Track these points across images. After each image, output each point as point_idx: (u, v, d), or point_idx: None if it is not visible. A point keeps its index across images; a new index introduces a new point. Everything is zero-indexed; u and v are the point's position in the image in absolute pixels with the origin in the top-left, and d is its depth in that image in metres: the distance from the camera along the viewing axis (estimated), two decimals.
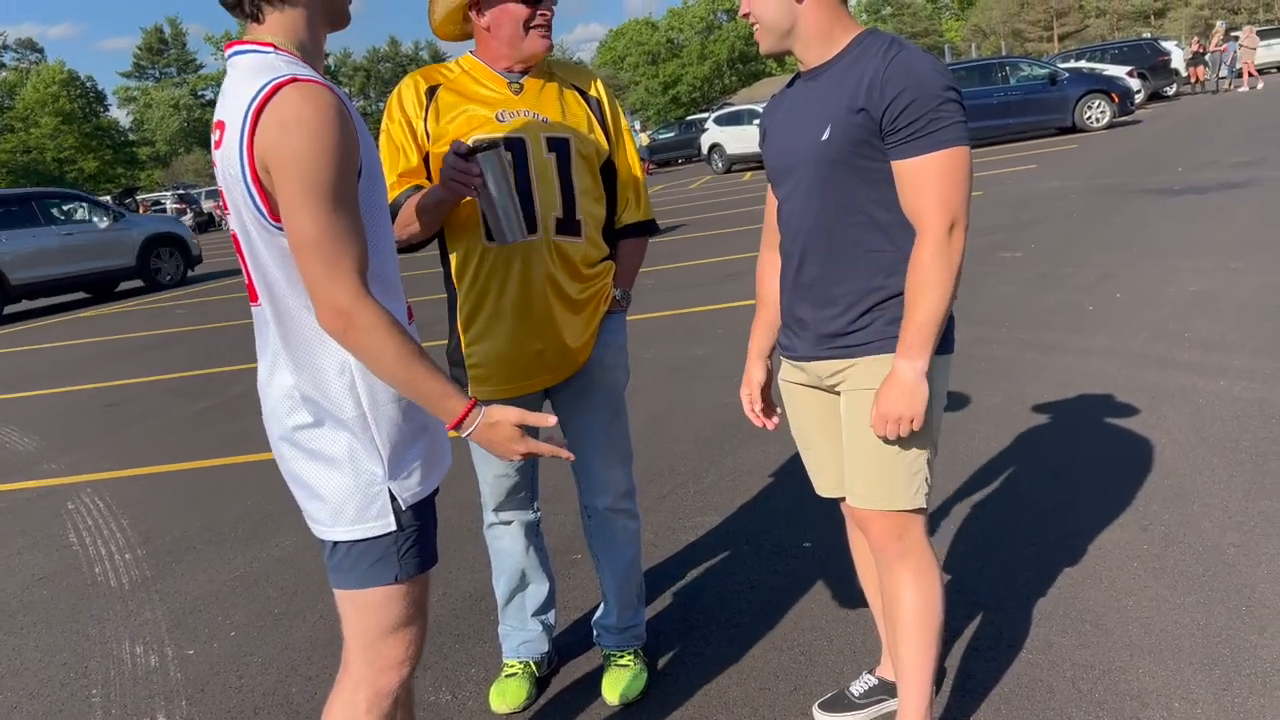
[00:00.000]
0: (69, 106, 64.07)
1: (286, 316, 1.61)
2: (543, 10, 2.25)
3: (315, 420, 1.63)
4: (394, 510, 1.64)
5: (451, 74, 2.35)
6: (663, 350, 6.51)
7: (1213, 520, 3.10)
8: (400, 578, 1.67)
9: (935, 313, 1.83)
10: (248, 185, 1.52)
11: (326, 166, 1.47)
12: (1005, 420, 4.28)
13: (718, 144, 26.32)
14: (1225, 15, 43.17)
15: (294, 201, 1.47)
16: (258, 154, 1.49)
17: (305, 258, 1.49)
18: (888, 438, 1.91)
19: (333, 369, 1.61)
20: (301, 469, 1.67)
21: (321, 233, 1.47)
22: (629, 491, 2.57)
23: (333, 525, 1.66)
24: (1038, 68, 20.57)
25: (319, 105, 1.47)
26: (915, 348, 1.85)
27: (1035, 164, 15.15)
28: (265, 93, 1.48)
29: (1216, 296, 5.79)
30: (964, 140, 1.83)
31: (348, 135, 1.51)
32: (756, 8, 1.94)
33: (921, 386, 1.85)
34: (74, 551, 4.24)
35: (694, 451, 4.45)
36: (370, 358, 1.52)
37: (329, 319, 1.50)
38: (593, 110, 2.39)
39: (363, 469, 1.63)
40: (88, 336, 11.36)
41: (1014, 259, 7.85)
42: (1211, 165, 11.72)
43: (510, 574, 2.61)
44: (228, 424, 6.12)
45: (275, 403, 1.67)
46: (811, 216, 1.96)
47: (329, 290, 1.49)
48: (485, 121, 2.26)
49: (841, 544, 3.27)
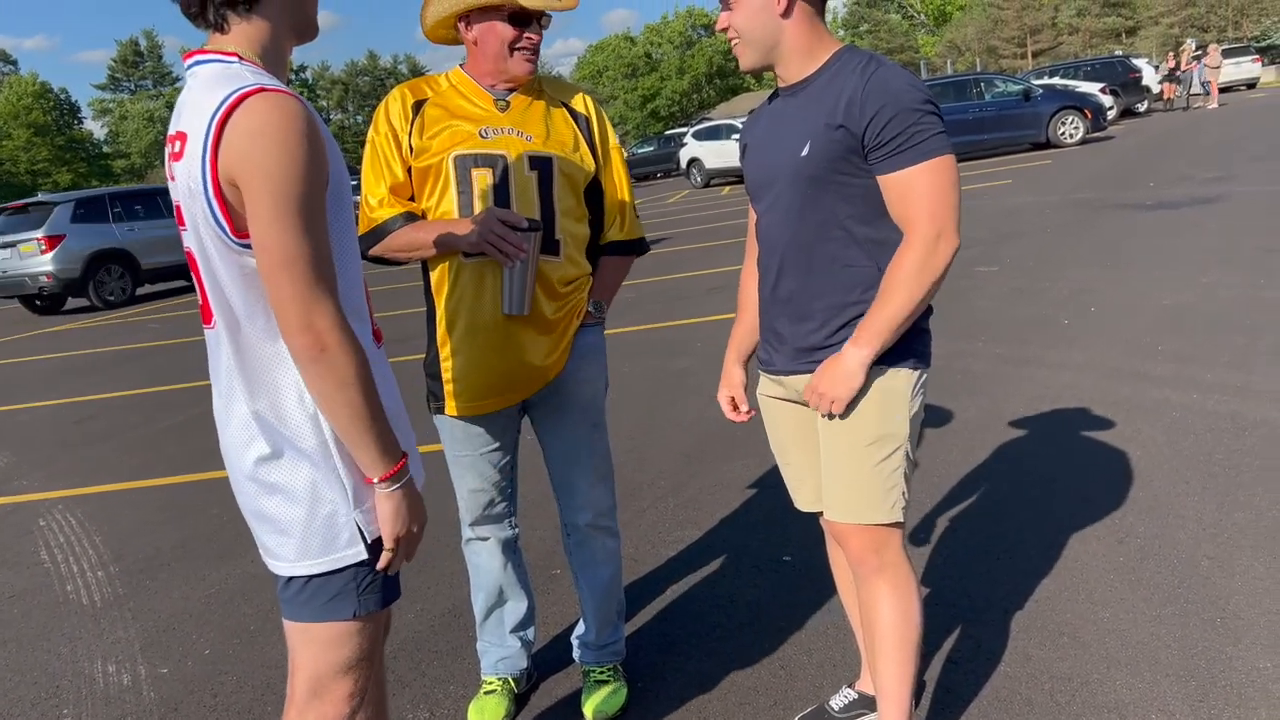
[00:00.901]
0: (42, 119, 63.50)
1: (244, 340, 1.54)
2: (529, 34, 2.24)
3: (274, 451, 1.56)
4: (362, 541, 1.58)
5: (440, 88, 2.34)
6: (643, 364, 6.51)
7: (1187, 532, 3.13)
8: (359, 614, 1.61)
9: (901, 313, 1.84)
10: (209, 199, 1.45)
11: (298, 180, 1.41)
12: (982, 434, 4.30)
13: (696, 158, 26.41)
14: (1195, 33, 43.87)
15: (265, 217, 1.41)
16: (222, 166, 1.43)
17: (277, 277, 1.42)
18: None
19: (292, 395, 1.54)
20: (263, 504, 1.60)
21: (295, 251, 1.41)
22: (609, 509, 2.55)
23: (296, 560, 1.59)
24: (1012, 84, 20.81)
25: (288, 115, 1.42)
26: (869, 337, 1.87)
27: (1010, 179, 15.31)
28: (231, 102, 1.42)
29: (1189, 310, 5.86)
30: (946, 149, 1.85)
31: (317, 148, 1.45)
32: (740, 23, 1.94)
33: (859, 376, 1.89)
34: (45, 569, 4.18)
35: (674, 466, 4.45)
36: (337, 384, 1.45)
37: (302, 342, 1.43)
38: (581, 129, 2.38)
39: (324, 500, 1.56)
40: (60, 351, 11.23)
41: (990, 273, 7.92)
42: (1183, 180, 11.88)
43: (488, 590, 2.59)
44: (201, 439, 6.06)
45: (233, 433, 1.60)
46: (790, 231, 1.98)
47: (305, 311, 1.42)
48: (468, 138, 2.25)
49: (821, 558, 3.28)
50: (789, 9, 1.91)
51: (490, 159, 2.25)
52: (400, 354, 7.90)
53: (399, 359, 7.62)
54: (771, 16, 1.92)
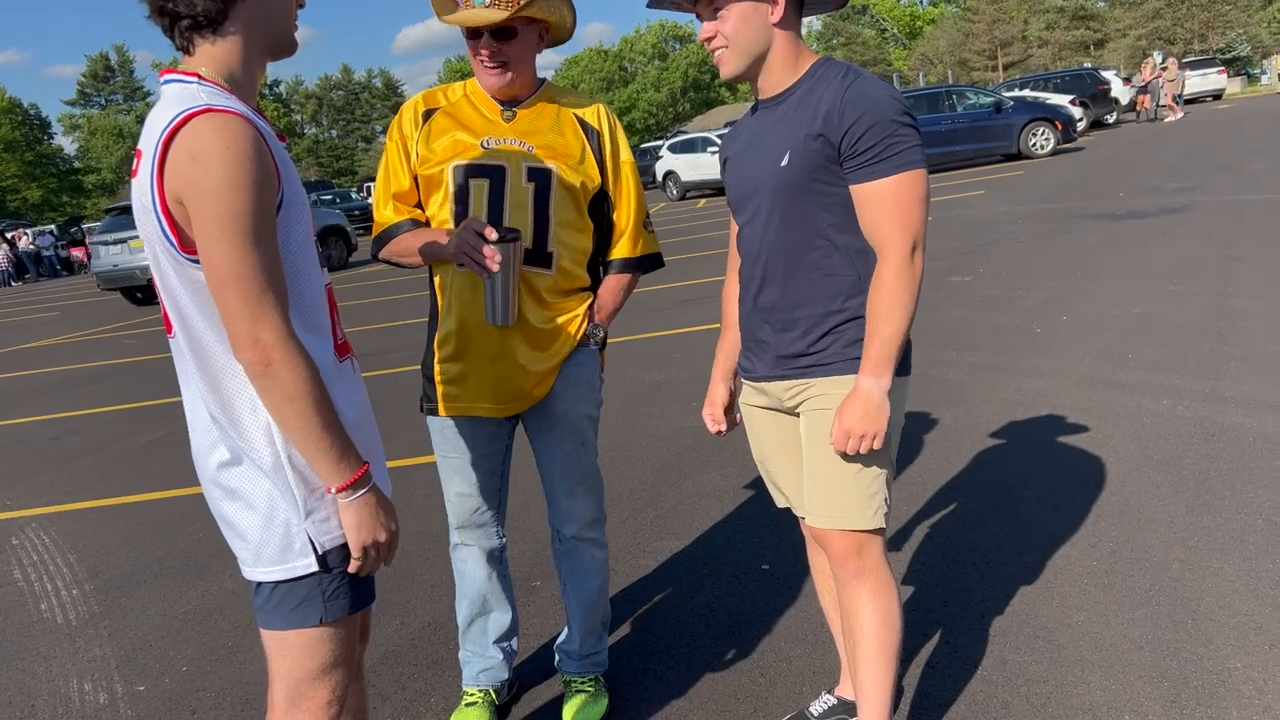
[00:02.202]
0: (11, 134, 62.83)
1: (201, 350, 1.57)
2: (481, 46, 2.24)
3: (233, 458, 1.59)
4: (313, 552, 1.60)
5: (453, 97, 2.37)
6: (621, 375, 6.53)
7: (1158, 536, 3.18)
8: (325, 620, 1.63)
9: (899, 331, 1.87)
10: (158, 215, 1.49)
11: (243, 199, 1.43)
12: (958, 441, 4.35)
13: (672, 171, 26.50)
14: (1162, 46, 44.57)
15: (210, 235, 1.43)
16: (168, 185, 1.46)
17: (224, 293, 1.44)
18: (847, 454, 1.95)
19: (246, 407, 1.56)
20: (225, 508, 1.63)
21: (241, 267, 1.43)
22: (596, 521, 2.56)
23: (254, 565, 1.62)
24: (984, 96, 21.06)
25: (232, 136, 1.43)
26: (880, 365, 1.88)
27: (983, 189, 15.48)
28: (176, 123, 1.45)
29: (1158, 318, 5.95)
30: (921, 163, 1.88)
31: (264, 167, 1.47)
32: (730, 29, 1.94)
33: (885, 404, 1.89)
34: (19, 588, 4.13)
35: (652, 476, 4.46)
36: (285, 398, 1.48)
37: (249, 355, 1.46)
38: (590, 142, 2.38)
39: (278, 510, 1.58)
40: (36, 368, 11.11)
41: (964, 283, 8.00)
42: (1151, 191, 12.06)
43: (473, 598, 2.59)
44: (176, 456, 6.02)
45: (199, 437, 1.64)
46: (771, 241, 2.00)
47: (251, 326, 1.45)
48: (470, 148, 2.28)
49: (800, 566, 3.30)
50: (783, 19, 1.94)
51: (488, 170, 2.27)
52: (399, 365, 7.88)
53: (399, 370, 7.61)
54: (764, 23, 1.93)
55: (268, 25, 1.61)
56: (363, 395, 1.74)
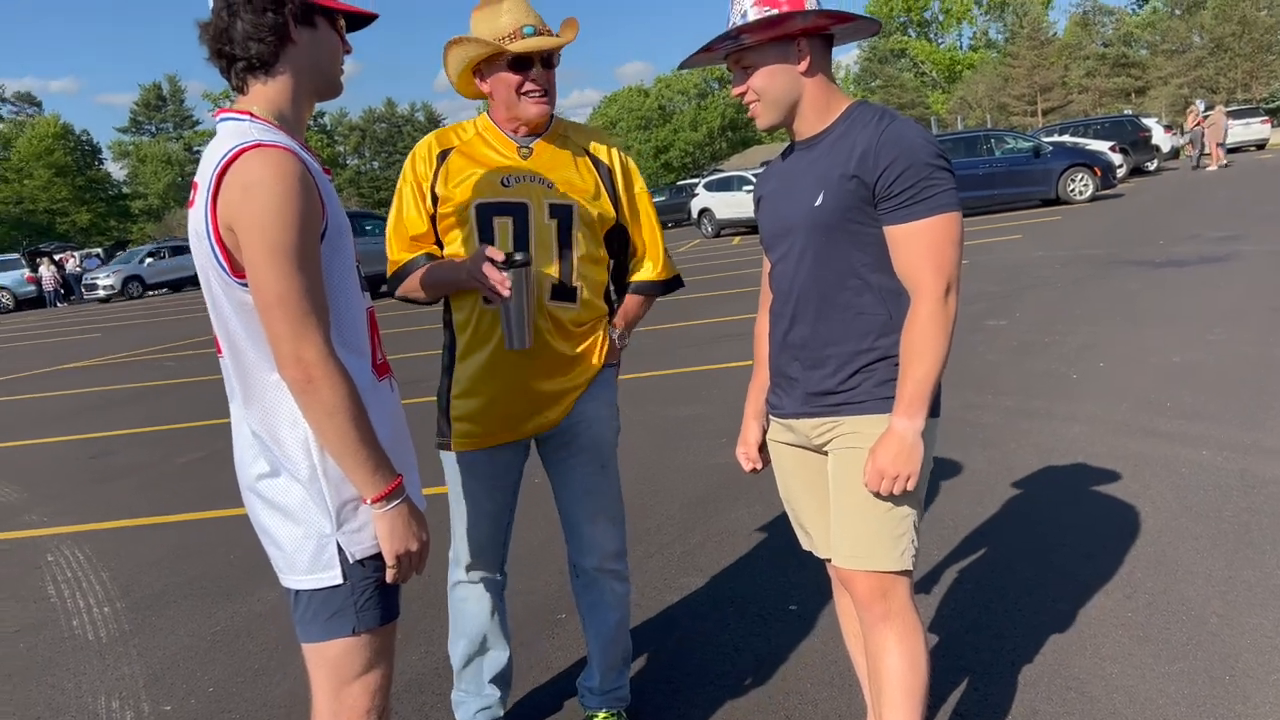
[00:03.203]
0: (63, 159, 64.42)
1: (246, 367, 1.67)
2: (533, 76, 2.28)
3: (272, 469, 1.69)
4: (341, 562, 1.68)
5: (465, 135, 2.40)
6: (653, 410, 6.53)
7: (1196, 589, 3.12)
8: (358, 630, 1.72)
9: (932, 372, 1.87)
10: (211, 242, 1.60)
11: (288, 227, 1.54)
12: (990, 486, 4.30)
13: (708, 209, 26.65)
14: (1204, 94, 44.27)
15: (258, 261, 1.54)
16: (220, 214, 1.57)
17: (270, 314, 1.55)
18: (879, 494, 1.93)
19: (286, 420, 1.66)
20: (263, 517, 1.73)
21: (286, 290, 1.54)
22: (618, 553, 2.54)
23: (289, 573, 1.71)
24: (1022, 141, 21.00)
25: (279, 170, 1.54)
26: (914, 406, 1.88)
27: (1020, 234, 15.39)
28: (229, 157, 1.56)
29: (1198, 367, 5.86)
30: (955, 206, 1.89)
31: (310, 198, 1.58)
32: (760, 84, 1.99)
33: (919, 445, 1.88)
34: (51, 604, 4.19)
35: (681, 512, 4.45)
36: (325, 413, 1.57)
37: (292, 373, 1.56)
38: (602, 177, 2.42)
39: (313, 520, 1.68)
40: (77, 387, 11.31)
41: (999, 327, 7.95)
42: (1192, 239, 11.93)
43: (471, 636, 2.57)
44: (212, 477, 6.09)
45: (241, 450, 1.74)
46: (803, 279, 2.01)
47: (295, 345, 1.55)
48: (491, 186, 2.31)
49: (827, 608, 3.27)
50: (811, 68, 1.97)
51: (511, 207, 2.30)
52: (411, 395, 7.94)
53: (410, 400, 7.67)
54: (793, 75, 1.97)
55: (315, 69, 1.74)
56: (399, 413, 1.82)
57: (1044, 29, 54.72)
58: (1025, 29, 54.23)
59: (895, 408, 1.90)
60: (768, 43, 1.97)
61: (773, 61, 1.97)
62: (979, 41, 66.20)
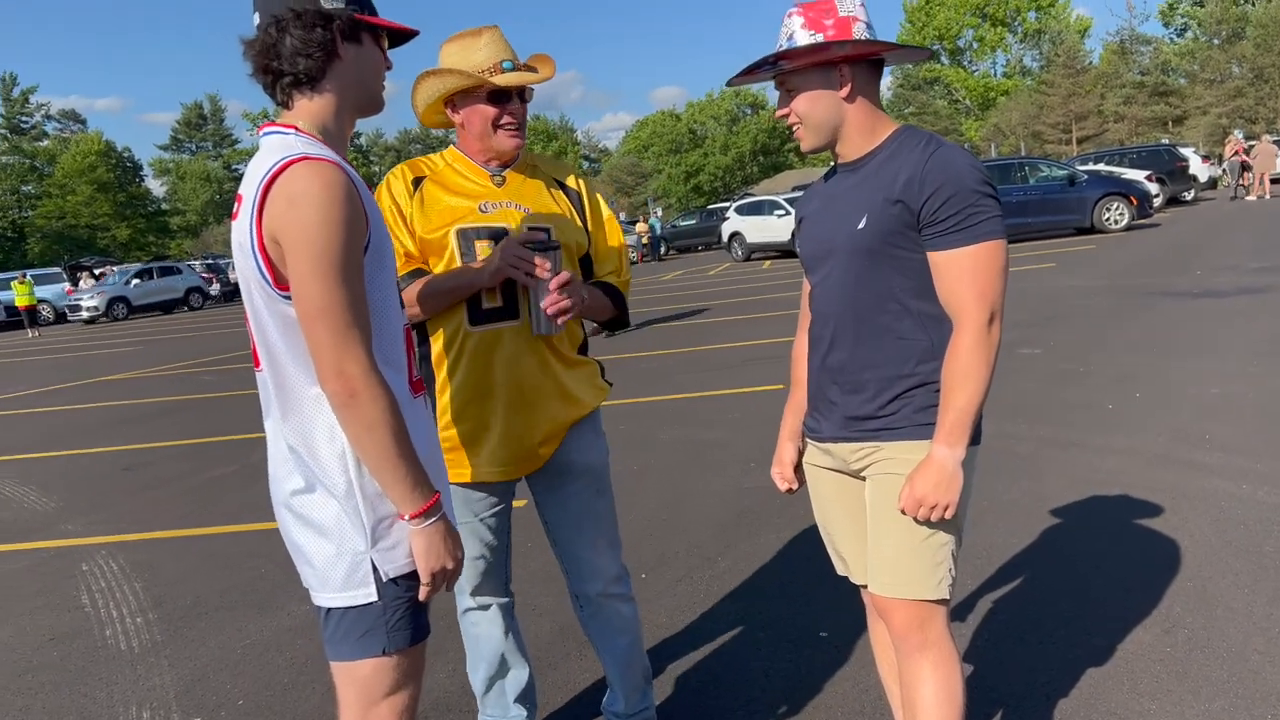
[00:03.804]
0: (106, 176, 65.63)
1: (284, 381, 1.67)
2: (510, 110, 2.30)
3: (307, 485, 1.68)
4: (375, 581, 1.67)
5: (436, 166, 2.41)
6: (681, 433, 6.52)
7: (1237, 625, 3.06)
8: (389, 650, 1.70)
9: (975, 401, 1.85)
10: (255, 254, 1.60)
11: (333, 239, 1.54)
12: (1025, 516, 4.25)
13: (738, 232, 26.68)
14: (1243, 125, 43.82)
15: (302, 272, 1.54)
16: (266, 225, 1.57)
17: (313, 326, 1.55)
18: (917, 522, 1.92)
19: (323, 435, 1.65)
20: (295, 534, 1.72)
21: (329, 302, 1.54)
22: (621, 575, 2.53)
23: (320, 590, 1.70)
24: (1057, 169, 20.88)
25: (326, 181, 1.55)
26: (955, 434, 1.86)
27: (1054, 263, 15.27)
28: (276, 169, 1.57)
29: (1237, 399, 5.77)
30: (1001, 234, 1.88)
31: (355, 211, 1.58)
32: (803, 108, 1.99)
33: (959, 474, 1.87)
34: (86, 613, 4.23)
35: (710, 536, 4.43)
36: (366, 427, 1.57)
37: (334, 386, 1.55)
38: (573, 203, 2.46)
39: (347, 537, 1.66)
40: (115, 399, 11.46)
41: (1034, 356, 7.87)
42: (1230, 270, 11.78)
43: (490, 660, 2.56)
44: (245, 490, 6.14)
45: (276, 465, 1.74)
46: (844, 302, 2.01)
47: (338, 358, 1.54)
48: (469, 212, 2.32)
49: (858, 634, 3.24)
50: (853, 93, 1.97)
51: (492, 231, 2.31)
52: None
53: None
54: (835, 100, 1.97)
55: (359, 85, 1.75)
56: (434, 430, 1.82)
57: (1080, 57, 54.41)
58: (1061, 57, 53.97)
59: (936, 435, 1.88)
60: (810, 68, 1.97)
61: (815, 86, 1.98)
62: (1013, 69, 65.97)
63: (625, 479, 5.48)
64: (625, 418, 7.13)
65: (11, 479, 7.30)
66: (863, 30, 1.95)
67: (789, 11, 2.00)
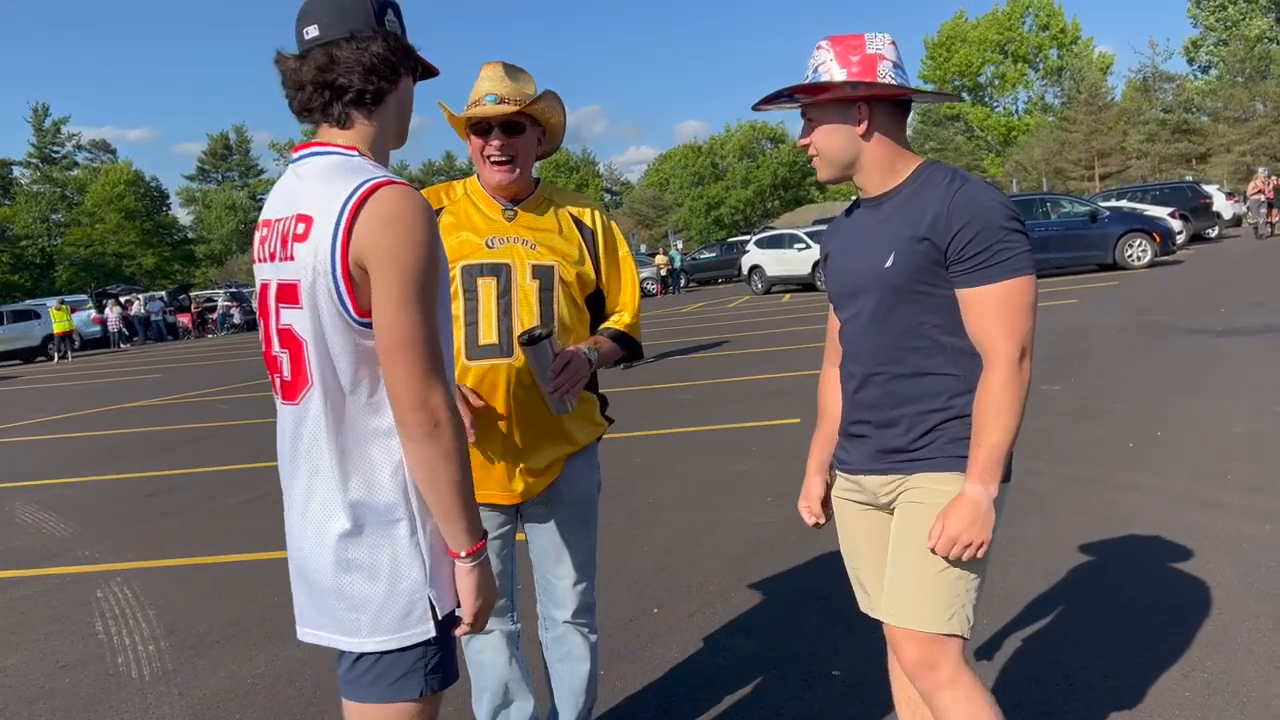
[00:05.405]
0: (133, 204, 66.56)
1: (343, 415, 1.59)
2: (490, 141, 2.33)
3: (354, 526, 1.59)
4: (434, 618, 1.61)
5: (455, 196, 2.46)
6: (699, 465, 6.49)
7: (1257, 669, 3.00)
8: (425, 693, 1.63)
9: (1007, 438, 1.85)
10: (336, 279, 1.52)
11: (423, 267, 1.51)
12: (1044, 554, 4.19)
13: (758, 265, 26.70)
14: (1268, 162, 43.58)
15: (391, 299, 1.49)
16: (353, 250, 1.51)
17: (397, 355, 1.50)
18: (947, 558, 1.89)
19: (387, 468, 1.59)
20: (339, 581, 1.62)
21: (417, 331, 1.50)
22: (590, 606, 2.57)
23: (369, 635, 1.61)
24: (1079, 205, 20.82)
25: (417, 206, 1.53)
26: (988, 472, 1.85)
27: (1076, 299, 15.18)
28: (365, 190, 1.52)
29: (1261, 439, 5.70)
30: (1029, 269, 1.87)
31: (436, 239, 1.56)
32: (821, 141, 2.01)
33: (992, 513, 1.86)
34: (99, 640, 4.24)
35: (724, 570, 4.39)
36: (445, 458, 1.52)
37: (417, 418, 1.50)
38: (586, 240, 2.47)
39: (404, 576, 1.60)
40: (135, 426, 11.55)
41: (1055, 392, 7.81)
42: (1255, 308, 11.67)
43: (494, 689, 2.55)
44: (260, 519, 6.15)
45: (314, 510, 1.63)
46: (875, 339, 2.00)
47: (424, 388, 1.50)
48: (476, 248, 2.35)
49: (872, 674, 3.19)
50: (870, 130, 1.97)
51: (495, 268, 2.34)
52: None
53: None
54: (851, 136, 1.98)
55: (402, 114, 1.74)
56: None
57: (1102, 94, 54.40)
58: (1083, 94, 53.96)
59: (969, 473, 1.87)
60: (828, 102, 1.98)
61: (833, 121, 1.99)
62: (1035, 105, 66.04)
63: (641, 512, 5.45)
64: (642, 449, 7.11)
65: (32, 505, 7.34)
66: (888, 70, 1.95)
67: (819, 43, 2.01)
